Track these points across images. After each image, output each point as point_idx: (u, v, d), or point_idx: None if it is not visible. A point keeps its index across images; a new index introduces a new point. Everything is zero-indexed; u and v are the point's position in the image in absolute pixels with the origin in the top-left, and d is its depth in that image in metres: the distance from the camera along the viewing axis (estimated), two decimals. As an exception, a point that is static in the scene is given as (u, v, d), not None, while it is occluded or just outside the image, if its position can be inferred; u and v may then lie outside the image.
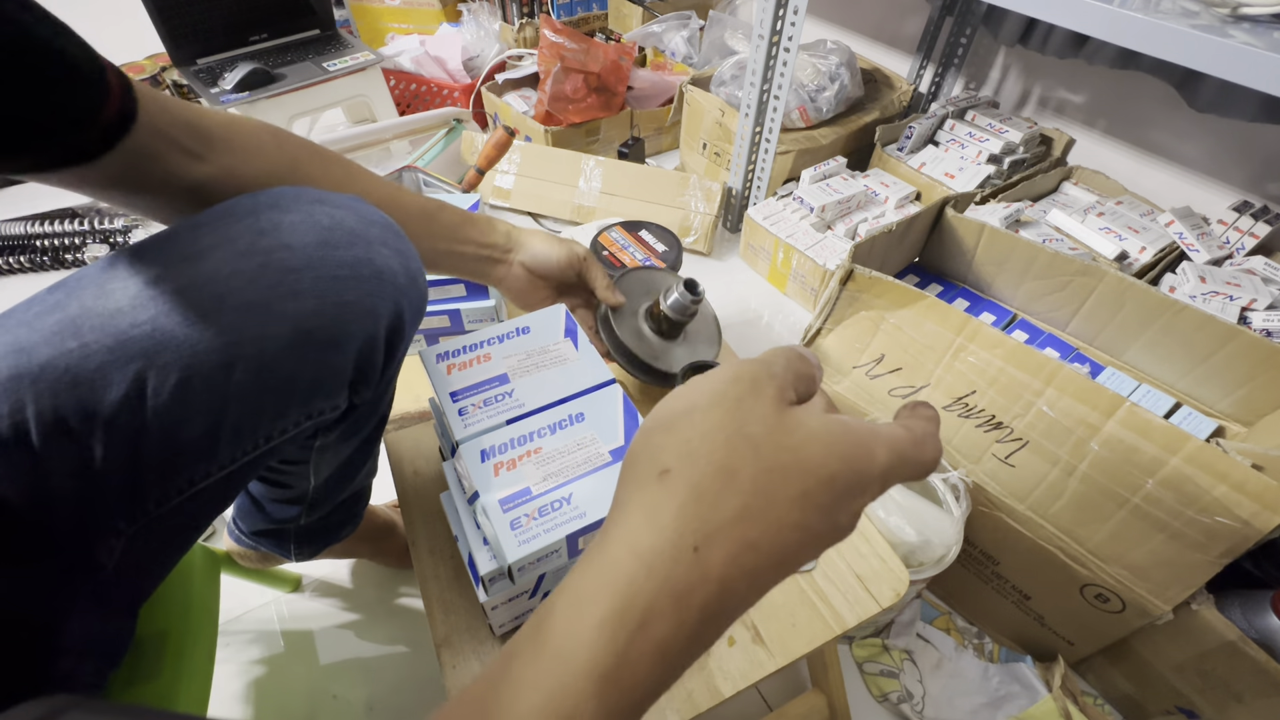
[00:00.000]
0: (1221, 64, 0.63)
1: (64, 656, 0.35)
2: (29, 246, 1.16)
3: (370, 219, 0.41)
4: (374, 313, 0.41)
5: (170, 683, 0.50)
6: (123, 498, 0.35)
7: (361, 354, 0.41)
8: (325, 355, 0.39)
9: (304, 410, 0.41)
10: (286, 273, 0.37)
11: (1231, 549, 0.59)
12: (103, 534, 0.36)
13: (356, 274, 0.39)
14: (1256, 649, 0.61)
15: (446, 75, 1.65)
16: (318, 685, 0.77)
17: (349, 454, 0.54)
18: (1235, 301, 0.92)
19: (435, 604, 0.54)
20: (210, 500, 0.40)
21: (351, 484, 0.60)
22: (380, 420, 0.55)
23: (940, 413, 0.76)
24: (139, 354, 0.34)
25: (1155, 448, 0.62)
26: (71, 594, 0.36)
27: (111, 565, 0.36)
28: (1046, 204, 1.20)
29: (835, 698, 0.70)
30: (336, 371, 0.41)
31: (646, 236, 0.88)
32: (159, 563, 0.42)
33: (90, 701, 0.25)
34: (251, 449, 0.39)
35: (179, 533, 0.41)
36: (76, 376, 0.33)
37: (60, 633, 0.35)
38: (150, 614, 0.52)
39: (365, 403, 0.46)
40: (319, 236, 0.38)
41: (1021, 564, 0.74)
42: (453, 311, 0.71)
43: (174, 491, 0.37)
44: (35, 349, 0.33)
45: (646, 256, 0.85)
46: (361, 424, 0.50)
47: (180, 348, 0.34)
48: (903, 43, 1.54)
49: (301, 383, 0.39)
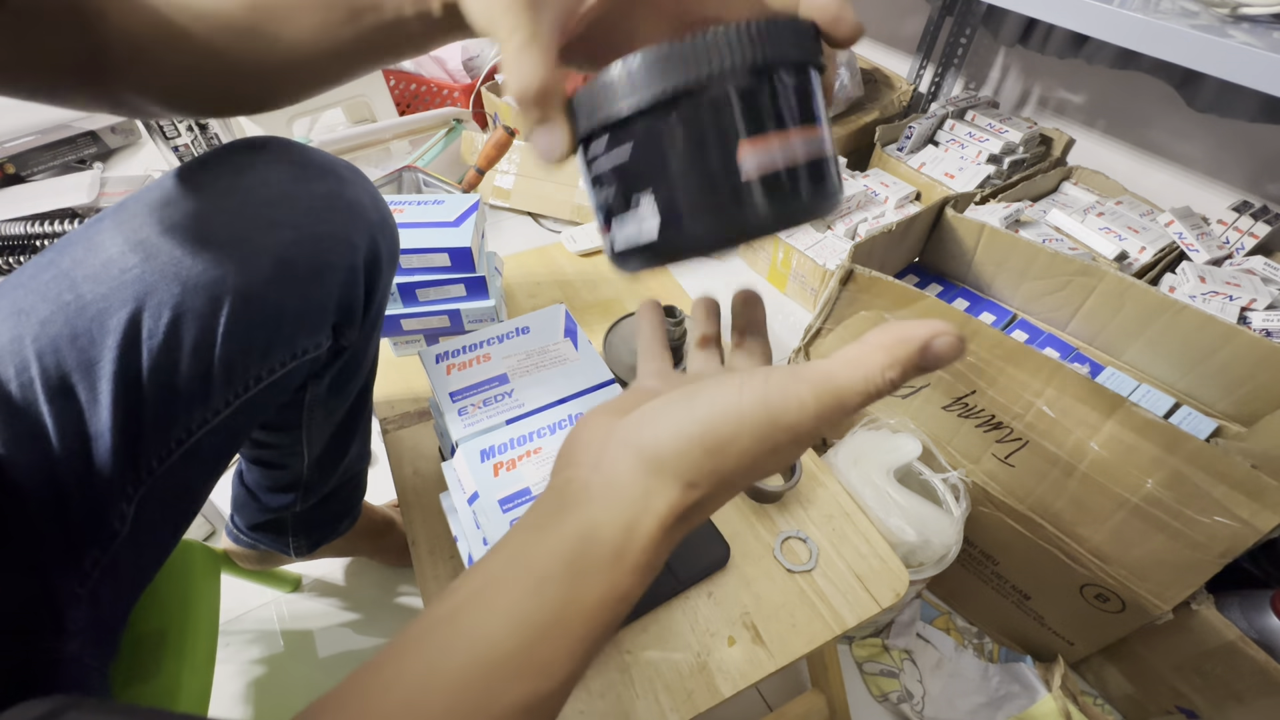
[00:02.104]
0: (1221, 64, 0.63)
1: (72, 639, 0.35)
2: (29, 246, 1.16)
3: (336, 158, 0.43)
4: (350, 243, 0.42)
5: (171, 682, 0.50)
6: (128, 457, 0.36)
7: (343, 287, 0.42)
8: (307, 287, 0.40)
9: (290, 348, 0.42)
10: (264, 205, 0.38)
11: (1231, 549, 0.59)
12: (114, 499, 0.36)
13: (331, 205, 0.41)
14: (1256, 649, 0.61)
15: (446, 75, 1.65)
16: (318, 685, 0.77)
17: (339, 420, 0.55)
18: (1235, 301, 0.92)
19: (435, 604, 0.54)
20: (207, 458, 0.41)
21: (343, 462, 0.60)
22: (367, 382, 0.56)
23: (939, 412, 0.76)
24: (131, 297, 0.34)
25: (1155, 448, 0.62)
26: (84, 572, 0.36)
27: (125, 532, 0.37)
28: (1046, 204, 1.20)
29: (835, 698, 0.70)
30: (319, 304, 0.42)
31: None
32: (163, 535, 0.42)
33: (90, 701, 0.25)
34: (243, 389, 0.40)
35: (180, 499, 0.42)
36: (75, 329, 0.34)
37: (68, 614, 0.35)
38: (150, 613, 0.52)
39: (351, 346, 0.47)
40: (291, 172, 0.39)
41: (1021, 564, 0.74)
42: (452, 311, 0.71)
43: (174, 443, 0.38)
44: (34, 308, 0.34)
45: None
46: (349, 375, 0.51)
47: (170, 286, 0.35)
48: (902, 42, 1.54)
49: (287, 316, 0.40)
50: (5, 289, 0.35)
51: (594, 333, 0.77)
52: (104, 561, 0.36)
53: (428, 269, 0.68)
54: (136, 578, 0.41)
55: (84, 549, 0.36)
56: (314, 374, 0.48)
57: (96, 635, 0.37)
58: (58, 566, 0.35)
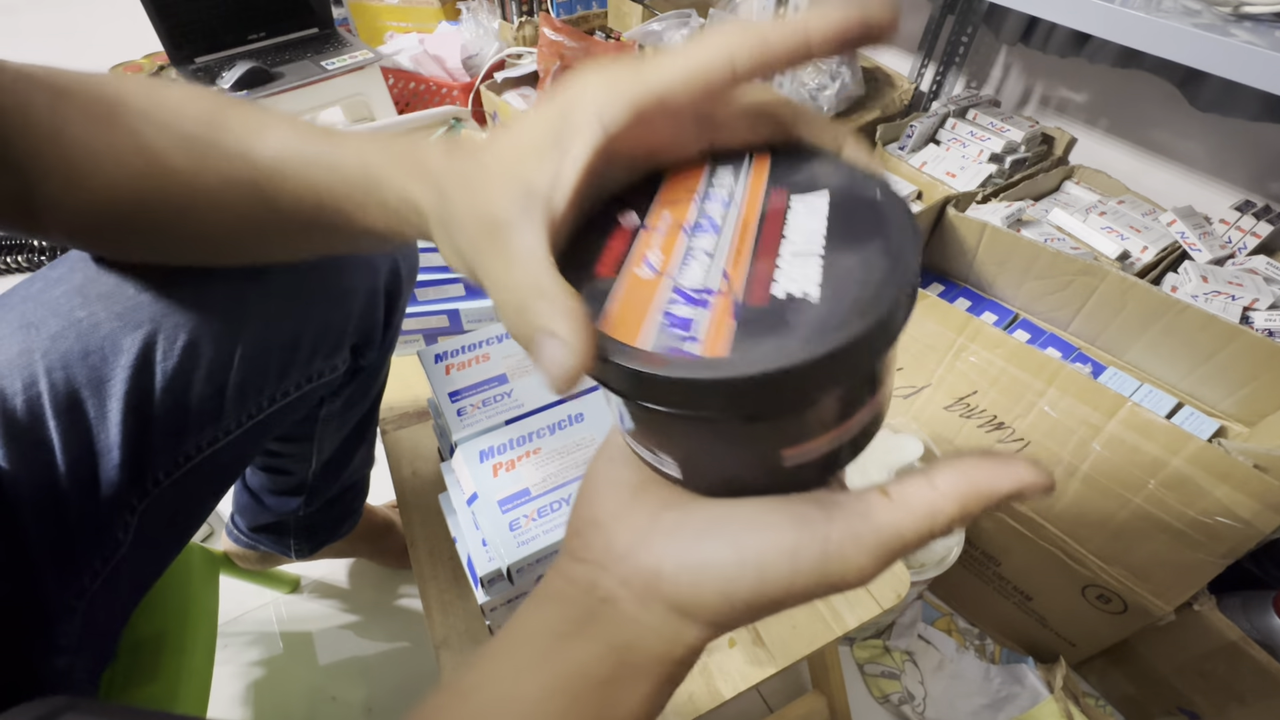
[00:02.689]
0: (1224, 63, 0.63)
1: (61, 654, 0.35)
2: (28, 246, 1.16)
3: None
4: (372, 265, 0.41)
5: (170, 684, 0.50)
6: (133, 470, 0.35)
7: (364, 309, 0.42)
8: (328, 312, 0.40)
9: (306, 371, 0.41)
10: None
11: (1233, 549, 0.59)
12: (118, 512, 0.35)
13: None
14: (1258, 649, 0.61)
15: (445, 74, 1.65)
16: (316, 687, 0.77)
17: (349, 430, 0.55)
18: (1237, 301, 0.92)
19: (434, 605, 0.53)
20: (216, 474, 0.40)
21: (348, 468, 0.60)
22: (378, 393, 0.55)
23: (941, 412, 0.76)
24: (147, 318, 0.34)
25: (1157, 448, 0.61)
26: (80, 586, 0.35)
27: (127, 543, 0.36)
28: (1048, 203, 1.20)
29: (836, 699, 0.70)
30: (339, 328, 0.41)
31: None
32: (165, 547, 0.42)
33: (88, 703, 0.24)
34: (256, 411, 0.39)
35: (185, 512, 0.41)
36: (87, 346, 0.33)
37: (58, 629, 0.35)
38: (149, 615, 0.52)
39: (369, 365, 0.46)
40: None
41: (1023, 565, 0.74)
42: (451, 311, 0.71)
43: (182, 458, 0.37)
44: (44, 322, 0.33)
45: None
46: (364, 391, 0.51)
47: (187, 309, 0.34)
48: (903, 41, 1.54)
49: (305, 340, 0.39)
50: (12, 301, 0.34)
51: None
52: (104, 574, 0.36)
53: (427, 268, 0.67)
54: (135, 588, 0.40)
55: (84, 562, 0.35)
56: (330, 393, 0.47)
57: (88, 646, 0.36)
58: (54, 580, 0.34)
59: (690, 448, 0.19)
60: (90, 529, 0.35)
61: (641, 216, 0.20)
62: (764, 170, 0.21)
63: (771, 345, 0.15)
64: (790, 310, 0.16)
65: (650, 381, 0.16)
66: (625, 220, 0.20)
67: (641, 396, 0.17)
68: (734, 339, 0.16)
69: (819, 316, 0.16)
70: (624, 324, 0.17)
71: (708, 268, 0.18)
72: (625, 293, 0.18)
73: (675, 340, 0.16)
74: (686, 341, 0.16)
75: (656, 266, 0.18)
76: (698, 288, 0.17)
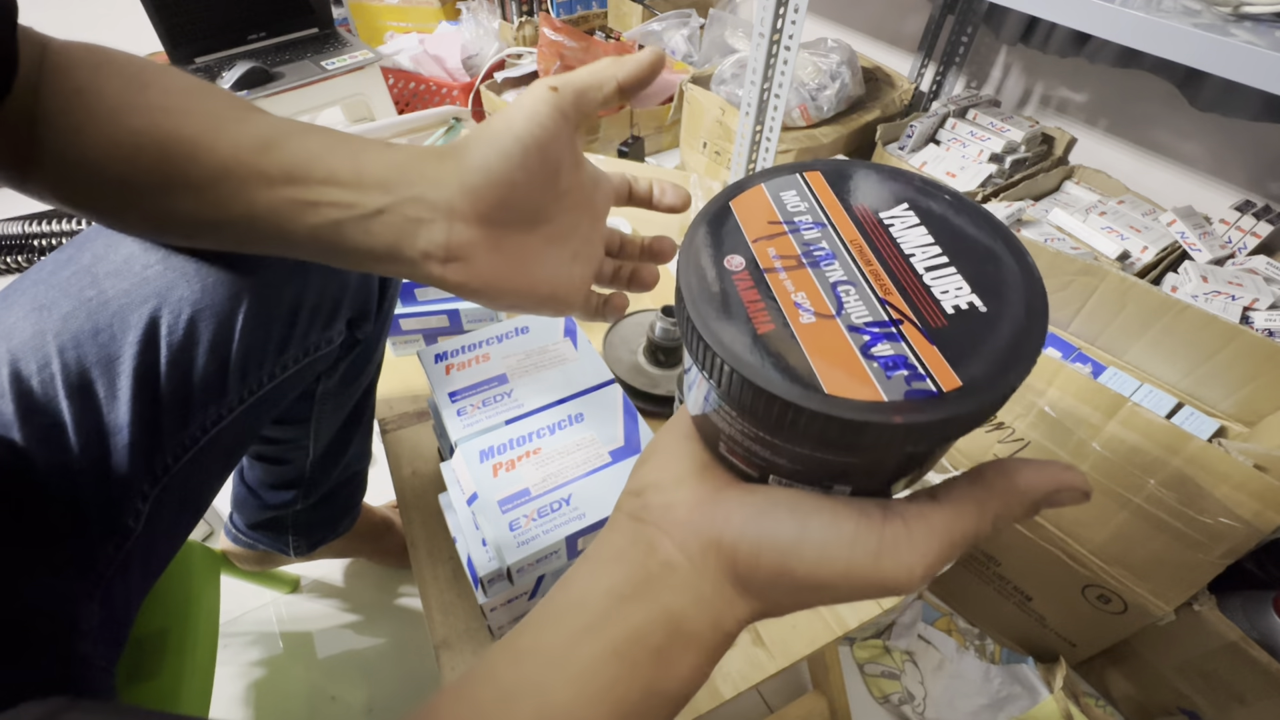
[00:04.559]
0: (1223, 63, 0.63)
1: (84, 639, 0.35)
2: (28, 246, 1.16)
3: None
4: None
5: (172, 682, 0.50)
6: (144, 455, 0.36)
7: (359, 281, 0.43)
8: (324, 282, 0.40)
9: (304, 344, 0.42)
10: None
11: (1233, 549, 0.59)
12: (130, 497, 0.36)
13: None
14: (1259, 649, 0.61)
15: (445, 74, 1.65)
16: (317, 687, 0.77)
17: (346, 413, 0.56)
18: (1237, 301, 0.92)
19: (434, 605, 0.53)
20: (221, 455, 0.41)
21: (345, 456, 0.60)
22: (374, 373, 0.56)
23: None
24: (153, 294, 0.34)
25: (1157, 448, 0.61)
26: (98, 573, 0.36)
27: (139, 530, 0.37)
28: (1048, 203, 1.20)
29: (836, 699, 0.70)
30: (335, 299, 0.42)
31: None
32: (174, 533, 0.42)
33: (86, 703, 0.25)
34: (257, 386, 0.40)
35: (192, 497, 0.42)
36: (97, 324, 0.33)
37: (81, 614, 0.35)
38: (152, 613, 0.52)
39: (365, 339, 0.47)
40: None
41: (1023, 565, 0.74)
42: (451, 311, 0.71)
43: (189, 440, 0.38)
44: (56, 303, 0.34)
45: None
46: (360, 367, 0.52)
47: (190, 284, 0.35)
48: (904, 41, 1.54)
49: (303, 311, 0.40)
50: (24, 285, 0.35)
51: (594, 332, 0.77)
52: (118, 560, 0.36)
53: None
54: (146, 576, 0.41)
55: (99, 548, 0.35)
56: (328, 368, 0.48)
57: (106, 634, 0.37)
58: (74, 566, 0.34)
59: (798, 471, 0.19)
60: (104, 515, 0.35)
61: (740, 255, 0.19)
62: (825, 184, 0.21)
63: (990, 363, 0.15)
64: (971, 323, 0.16)
65: (907, 431, 0.15)
66: (730, 264, 0.19)
67: (867, 446, 0.16)
68: (951, 365, 0.16)
69: (1003, 322, 0.16)
70: (850, 382, 0.16)
71: (865, 298, 0.18)
72: (815, 347, 0.17)
73: (903, 383, 0.15)
74: (914, 380, 0.15)
75: (812, 308, 0.17)
76: (872, 321, 0.17)
